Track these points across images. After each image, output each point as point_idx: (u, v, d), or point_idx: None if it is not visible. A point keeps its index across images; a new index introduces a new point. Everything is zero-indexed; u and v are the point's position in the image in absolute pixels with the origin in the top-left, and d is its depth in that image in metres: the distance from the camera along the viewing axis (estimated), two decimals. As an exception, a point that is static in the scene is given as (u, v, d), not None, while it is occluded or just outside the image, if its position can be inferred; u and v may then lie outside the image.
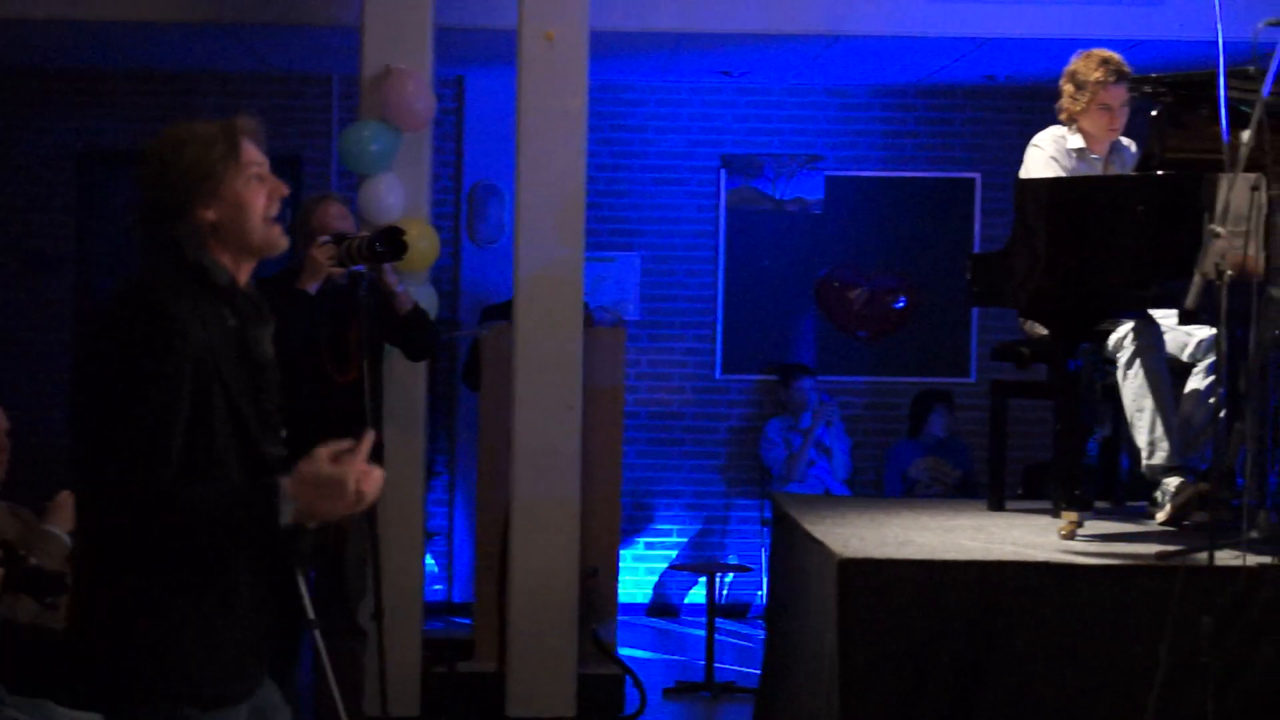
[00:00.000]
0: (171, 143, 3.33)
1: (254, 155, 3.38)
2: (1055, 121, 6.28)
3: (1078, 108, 6.17)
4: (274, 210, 3.40)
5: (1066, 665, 4.97)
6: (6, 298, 10.33)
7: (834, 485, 9.68)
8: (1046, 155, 6.18)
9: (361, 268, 6.14)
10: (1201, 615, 4.44)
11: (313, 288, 6.15)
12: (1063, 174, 6.12)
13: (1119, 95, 6.11)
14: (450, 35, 7.81)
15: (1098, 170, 6.19)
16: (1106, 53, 6.11)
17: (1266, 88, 4.60)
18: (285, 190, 3.43)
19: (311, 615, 5.80)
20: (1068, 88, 6.17)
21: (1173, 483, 5.76)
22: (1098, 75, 6.09)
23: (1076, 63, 6.15)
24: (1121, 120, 6.18)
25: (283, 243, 3.43)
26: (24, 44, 9.30)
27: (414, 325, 6.56)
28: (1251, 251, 4.82)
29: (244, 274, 3.40)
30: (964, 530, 5.81)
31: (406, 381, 7.17)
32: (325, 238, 6.15)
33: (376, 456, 3.19)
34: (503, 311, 7.98)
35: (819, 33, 8.58)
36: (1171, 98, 5.58)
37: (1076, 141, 6.21)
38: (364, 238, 6.12)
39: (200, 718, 3.25)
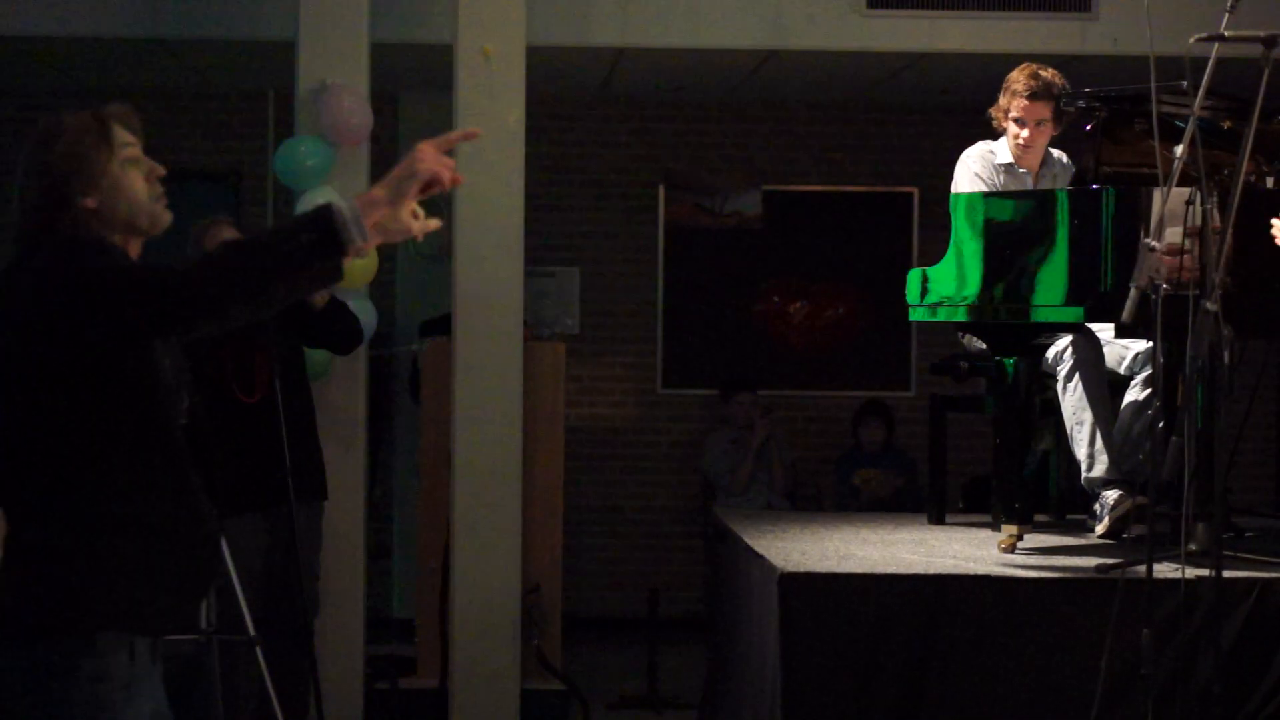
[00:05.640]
0: (43, 138, 3.35)
1: (125, 138, 3.39)
2: (993, 136, 6.31)
3: (999, 115, 6.19)
4: (155, 191, 3.41)
5: (1008, 678, 5.01)
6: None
7: (774, 499, 9.70)
8: (972, 171, 6.20)
9: None
10: (1141, 628, 4.47)
11: None
12: (988, 189, 6.13)
13: (1033, 111, 6.05)
14: (386, 50, 7.79)
15: (1028, 185, 6.21)
16: (1041, 68, 6.10)
17: (1198, 103, 4.64)
18: (162, 170, 3.44)
19: (252, 631, 5.80)
20: (1000, 95, 6.20)
21: (1111, 496, 5.80)
22: (1017, 85, 6.10)
23: (1013, 71, 6.16)
24: (1037, 138, 6.11)
25: (167, 218, 3.43)
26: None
27: (333, 318, 6.52)
28: (1186, 265, 4.86)
29: (134, 251, 3.41)
30: (905, 544, 5.84)
31: (346, 397, 7.15)
32: None
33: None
34: (441, 325, 7.96)
35: (756, 47, 8.60)
36: (1106, 113, 5.62)
37: (1005, 156, 6.21)
38: None
39: (126, 661, 3.27)
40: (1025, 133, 6.09)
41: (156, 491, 3.32)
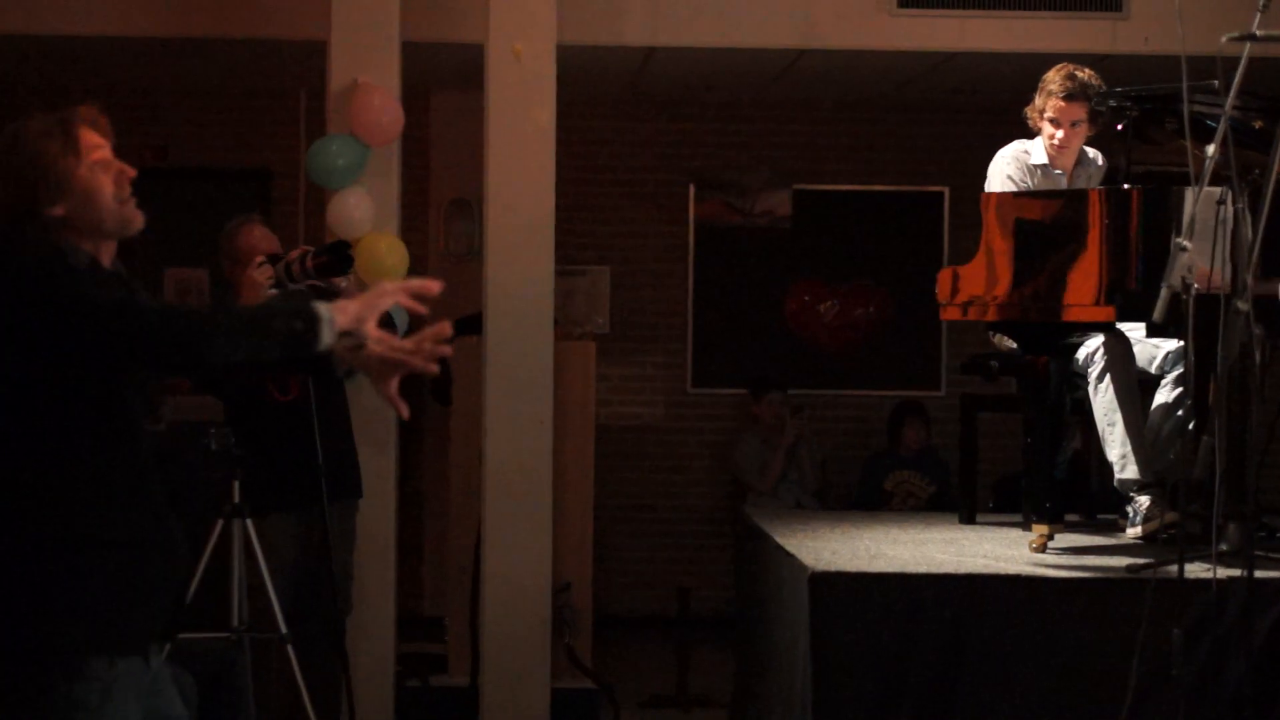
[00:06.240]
0: (7, 144, 3.29)
1: (93, 140, 3.33)
2: (1023, 135, 6.28)
3: (1034, 115, 6.17)
4: (124, 193, 3.35)
5: (1038, 678, 5.00)
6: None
7: (804, 498, 9.69)
8: (1005, 174, 6.17)
9: (301, 286, 6.07)
10: (1172, 628, 4.46)
11: None
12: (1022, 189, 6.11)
13: (1069, 112, 6.00)
14: (418, 49, 7.80)
15: (1062, 185, 6.18)
16: (1077, 68, 6.06)
17: (1229, 103, 4.62)
18: (132, 172, 3.38)
19: (283, 629, 5.83)
20: (1036, 95, 6.16)
21: (1143, 502, 5.77)
22: (1053, 86, 6.07)
23: (1049, 71, 6.13)
24: (1072, 139, 6.07)
25: (139, 220, 3.38)
26: (-10, 60, 9.26)
27: None
28: (1217, 265, 4.84)
29: (106, 255, 3.37)
30: (935, 543, 5.83)
31: (377, 397, 7.14)
32: (262, 259, 6.11)
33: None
34: (472, 324, 7.97)
35: (786, 46, 8.59)
36: (1137, 112, 5.60)
37: (1039, 157, 6.18)
38: (305, 251, 6.08)
39: (106, 668, 3.24)
40: (1060, 134, 6.06)
41: (120, 507, 3.29)
